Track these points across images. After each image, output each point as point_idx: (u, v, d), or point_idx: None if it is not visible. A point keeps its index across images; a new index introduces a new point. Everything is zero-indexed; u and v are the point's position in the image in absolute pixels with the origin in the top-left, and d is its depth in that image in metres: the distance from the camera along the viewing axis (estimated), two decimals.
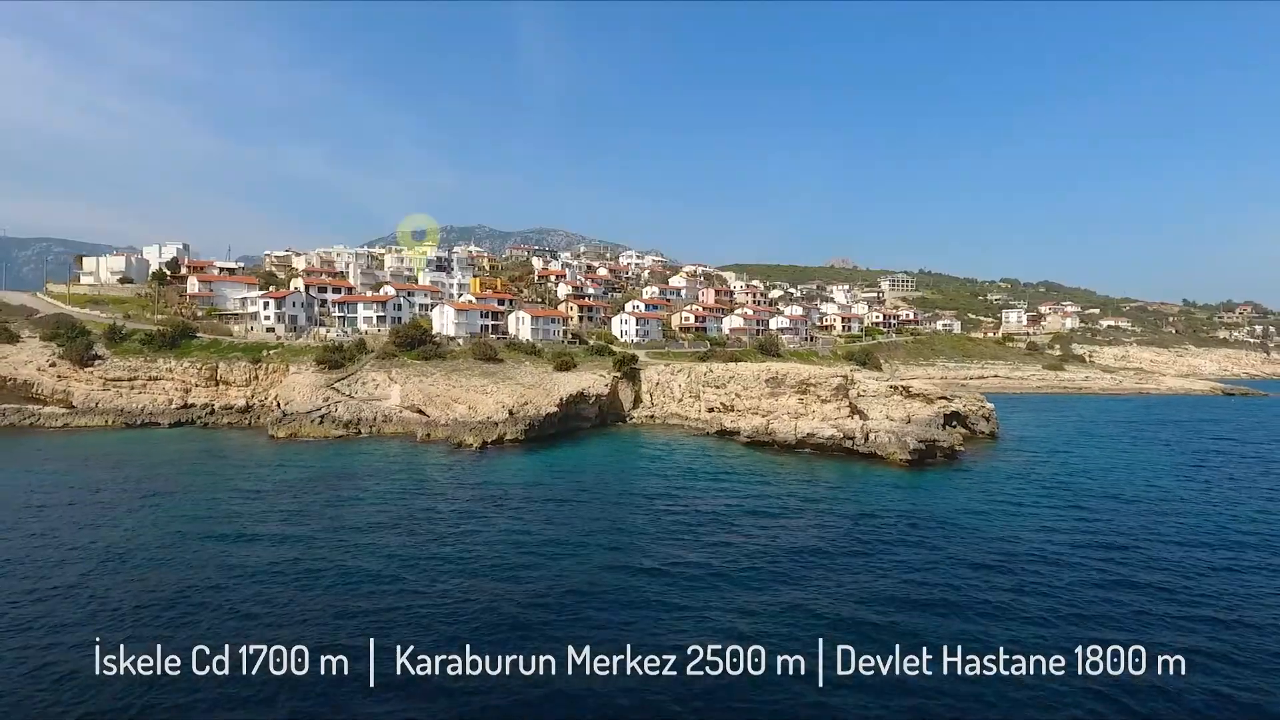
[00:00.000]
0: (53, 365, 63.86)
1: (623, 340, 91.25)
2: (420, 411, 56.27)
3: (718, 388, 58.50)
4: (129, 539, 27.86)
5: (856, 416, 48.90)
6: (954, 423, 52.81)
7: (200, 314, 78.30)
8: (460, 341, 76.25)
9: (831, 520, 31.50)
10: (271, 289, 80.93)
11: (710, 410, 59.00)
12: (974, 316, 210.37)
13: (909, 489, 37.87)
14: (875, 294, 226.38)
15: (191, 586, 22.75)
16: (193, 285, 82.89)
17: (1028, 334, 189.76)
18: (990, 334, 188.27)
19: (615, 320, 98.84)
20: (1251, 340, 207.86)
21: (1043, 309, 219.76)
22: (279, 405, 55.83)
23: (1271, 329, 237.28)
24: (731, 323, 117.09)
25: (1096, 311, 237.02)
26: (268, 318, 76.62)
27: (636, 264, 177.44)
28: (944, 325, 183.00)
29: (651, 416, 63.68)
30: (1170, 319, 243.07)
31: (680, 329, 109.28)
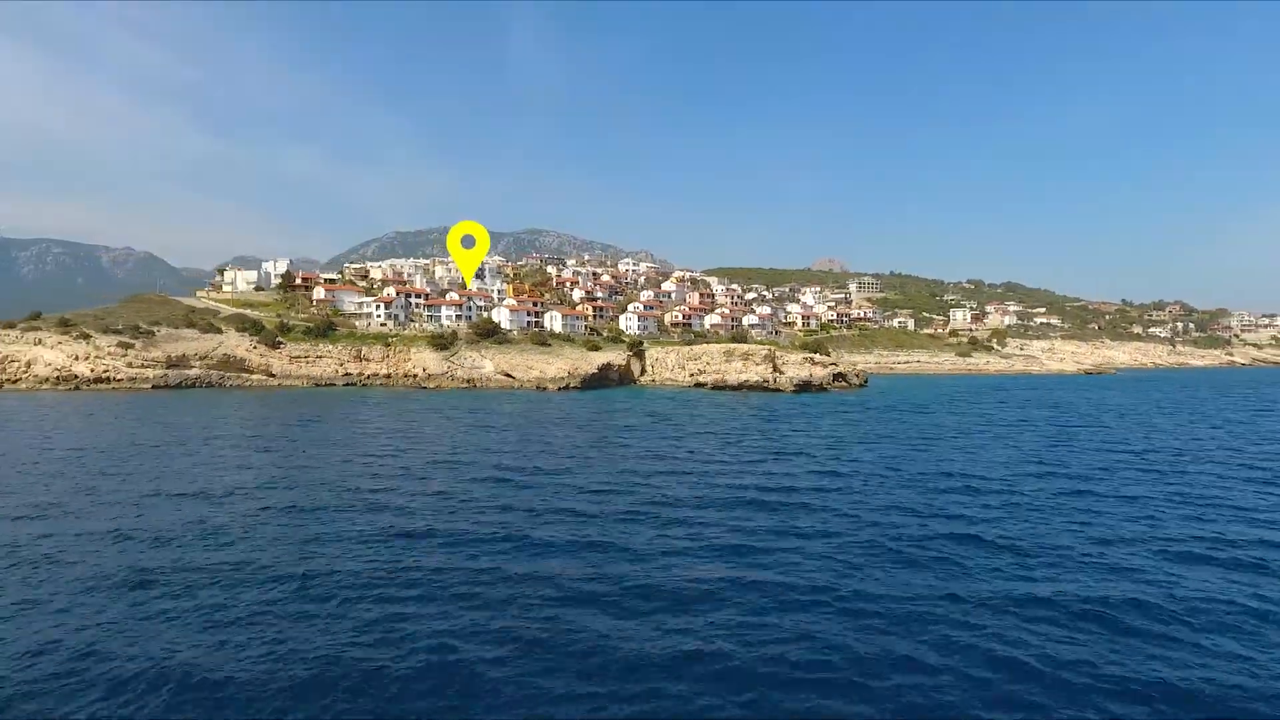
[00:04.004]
0: (254, 348, 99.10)
1: (628, 333, 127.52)
2: (508, 375, 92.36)
3: (695, 360, 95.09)
4: (418, 421, 63.68)
5: (776, 372, 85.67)
6: (839, 379, 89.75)
7: (329, 313, 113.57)
8: (515, 332, 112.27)
9: (744, 408, 67.86)
10: (383, 294, 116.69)
11: (690, 375, 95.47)
12: (928, 315, 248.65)
13: (785, 400, 74.45)
14: (843, 295, 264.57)
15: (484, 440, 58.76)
16: (318, 293, 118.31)
17: (970, 330, 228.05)
18: (940, 330, 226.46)
19: (621, 318, 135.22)
20: (1163, 335, 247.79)
21: (988, 308, 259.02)
22: (423, 370, 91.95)
23: (1192, 325, 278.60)
24: (712, 320, 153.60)
25: (1043, 309, 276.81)
26: (379, 316, 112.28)
27: (633, 270, 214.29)
28: (899, 322, 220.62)
29: (653, 380, 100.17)
30: (1107, 316, 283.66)
31: (671, 324, 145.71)
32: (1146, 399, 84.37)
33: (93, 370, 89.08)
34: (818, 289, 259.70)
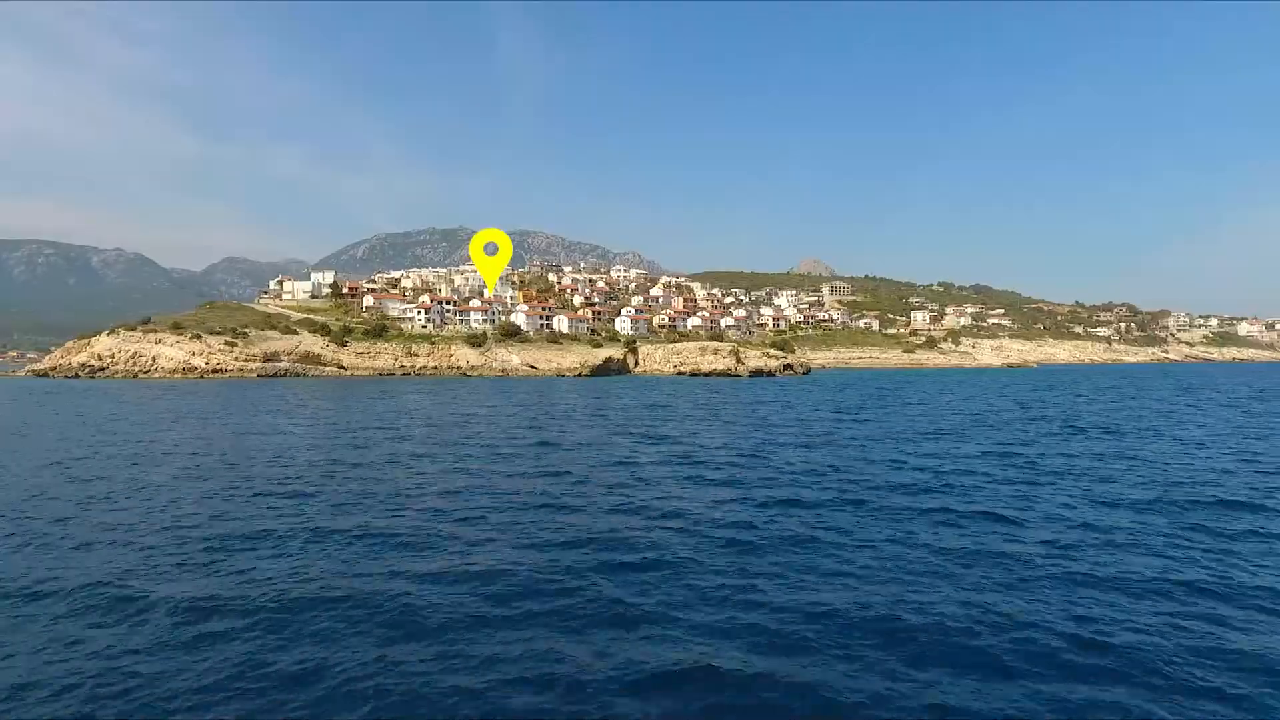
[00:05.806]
0: (327, 345, 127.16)
1: (623, 333, 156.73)
2: (532, 366, 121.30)
3: (677, 355, 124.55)
4: (467, 399, 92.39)
5: (739, 364, 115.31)
6: (788, 368, 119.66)
7: (379, 317, 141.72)
8: (531, 332, 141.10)
9: (700, 385, 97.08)
10: (420, 301, 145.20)
11: (674, 366, 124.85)
12: (893, 316, 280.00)
13: (743, 382, 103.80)
14: (817, 298, 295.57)
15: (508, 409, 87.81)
16: (368, 300, 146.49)
17: (930, 330, 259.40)
18: (903, 330, 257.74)
19: (617, 320, 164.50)
20: (1102, 334, 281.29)
21: (948, 310, 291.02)
22: (466, 362, 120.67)
23: (1134, 325, 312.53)
24: (694, 321, 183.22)
25: (1001, 311, 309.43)
26: (419, 320, 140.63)
27: (625, 276, 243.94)
28: (865, 324, 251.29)
29: (644, 370, 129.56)
30: (1059, 317, 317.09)
31: (659, 326, 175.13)
32: (990, 385, 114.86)
33: (207, 363, 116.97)
34: (794, 292, 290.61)
